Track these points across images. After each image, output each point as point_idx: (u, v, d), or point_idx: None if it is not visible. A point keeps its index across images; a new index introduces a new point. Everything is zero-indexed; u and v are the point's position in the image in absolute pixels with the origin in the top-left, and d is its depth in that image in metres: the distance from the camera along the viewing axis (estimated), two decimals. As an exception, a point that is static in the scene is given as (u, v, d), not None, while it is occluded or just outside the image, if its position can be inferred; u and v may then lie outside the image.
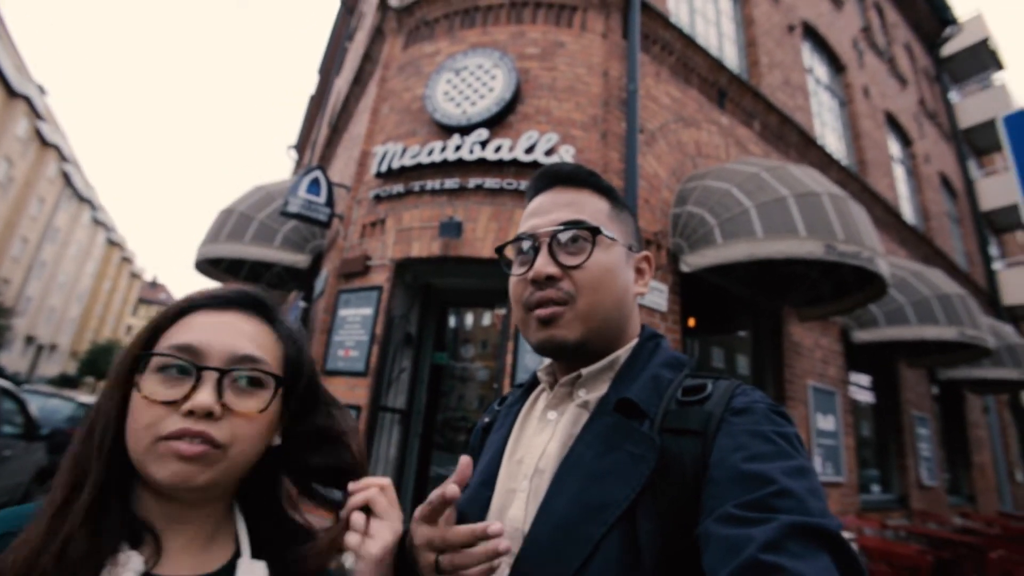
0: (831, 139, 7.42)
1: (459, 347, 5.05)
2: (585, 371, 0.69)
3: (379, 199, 4.38)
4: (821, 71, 7.75)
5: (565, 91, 4.23)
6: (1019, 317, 10.69)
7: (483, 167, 4.07)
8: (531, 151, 3.96)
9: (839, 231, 3.78)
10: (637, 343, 0.72)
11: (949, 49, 12.27)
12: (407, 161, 4.22)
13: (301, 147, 15.85)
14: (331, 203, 4.74)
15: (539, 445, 0.68)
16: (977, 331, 5.54)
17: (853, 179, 6.75)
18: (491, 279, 4.05)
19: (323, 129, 9.78)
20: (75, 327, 40.10)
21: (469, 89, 4.27)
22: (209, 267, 6.22)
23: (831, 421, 5.42)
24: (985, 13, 12.51)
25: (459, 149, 4.08)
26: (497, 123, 4.17)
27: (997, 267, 11.29)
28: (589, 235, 0.68)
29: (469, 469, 0.60)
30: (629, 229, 0.76)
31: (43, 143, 29.19)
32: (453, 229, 3.90)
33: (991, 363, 7.01)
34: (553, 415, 0.70)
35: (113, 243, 44.42)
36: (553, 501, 0.60)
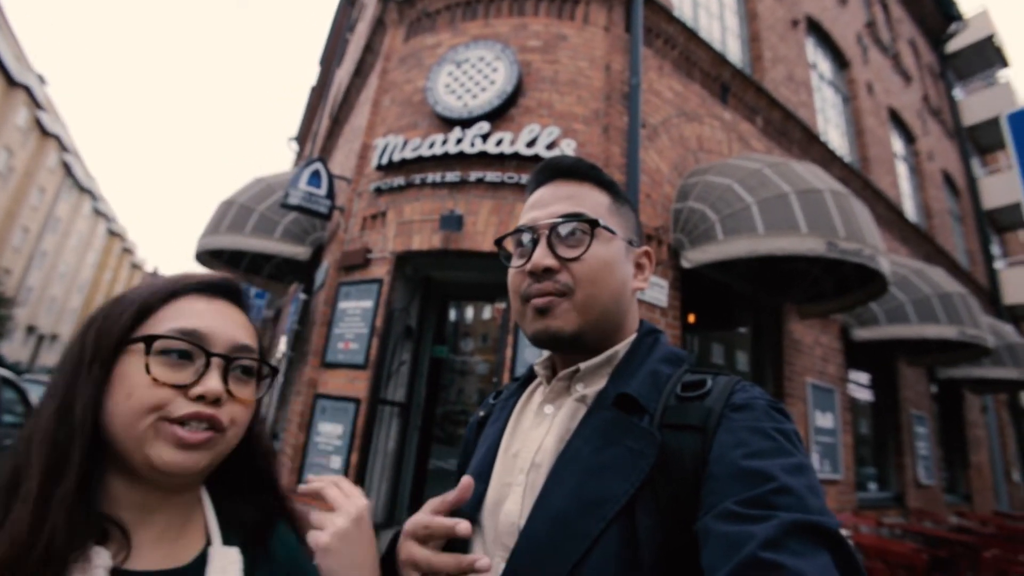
0: (834, 135, 7.38)
1: (459, 341, 5.06)
2: (583, 365, 0.68)
3: (380, 192, 4.37)
4: (825, 67, 7.70)
5: (567, 84, 4.21)
6: (1020, 317, 10.68)
7: (484, 160, 4.05)
8: (532, 145, 3.94)
9: (841, 228, 3.77)
10: (636, 338, 0.71)
11: (954, 45, 12.18)
12: (408, 154, 4.20)
13: (302, 139, 15.79)
14: (332, 195, 4.73)
15: (536, 439, 0.68)
16: (977, 330, 5.54)
17: (856, 176, 6.72)
18: (492, 273, 4.04)
19: (324, 121, 9.74)
20: (76, 317, 40.16)
21: (471, 82, 4.24)
22: (210, 258, 6.22)
23: (829, 419, 5.43)
24: (991, 9, 12.42)
25: (460, 142, 4.06)
26: (499, 116, 4.15)
27: (999, 266, 11.27)
28: (588, 228, 0.68)
29: (469, 492, 0.60)
30: (630, 224, 0.75)
31: (43, 133, 29.11)
32: (454, 222, 3.89)
33: (991, 362, 7.00)
34: (550, 409, 0.70)
35: (114, 234, 44.43)
36: (550, 495, 0.59)
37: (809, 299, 4.93)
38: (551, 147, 3.93)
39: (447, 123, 4.25)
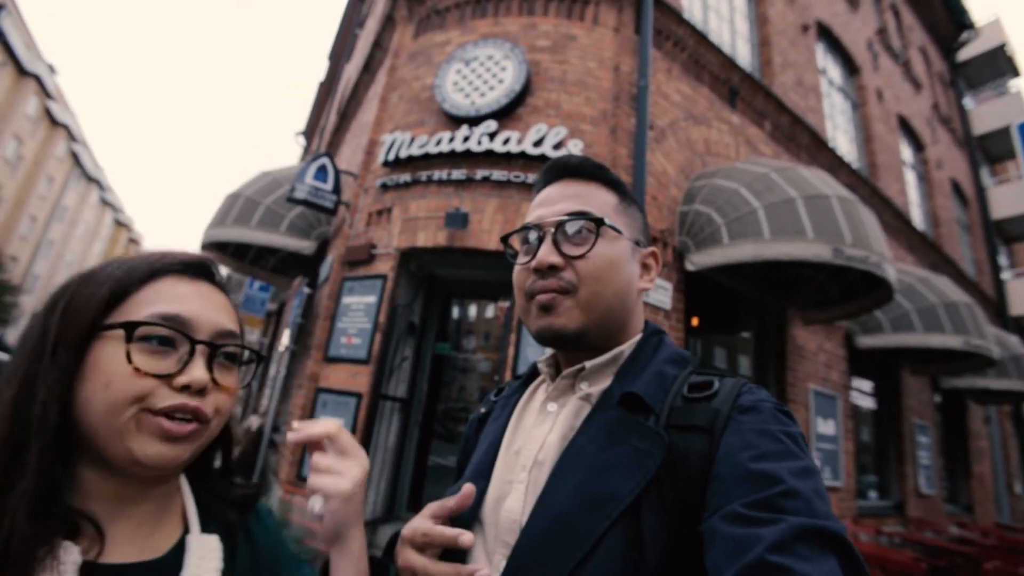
0: (842, 142, 7.35)
1: (461, 338, 5.06)
2: (589, 364, 0.68)
3: (386, 188, 4.38)
4: (835, 72, 7.66)
5: (575, 85, 4.20)
6: (1026, 328, 10.62)
7: (491, 159, 4.05)
8: (539, 144, 3.94)
9: (847, 235, 3.75)
10: (641, 338, 0.71)
11: (965, 54, 12.10)
12: (415, 151, 4.21)
13: (309, 133, 15.83)
14: (338, 191, 4.74)
15: (538, 437, 0.67)
16: (983, 341, 5.50)
17: (863, 183, 6.69)
18: (496, 271, 4.04)
19: (332, 116, 9.76)
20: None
21: (479, 80, 4.24)
22: (215, 250, 6.24)
23: (831, 425, 5.41)
24: (1003, 19, 12.33)
25: (467, 140, 4.06)
26: (506, 115, 4.14)
27: (1006, 277, 11.19)
28: (594, 226, 0.68)
29: (470, 500, 0.60)
30: (637, 224, 0.75)
31: (53, 122, 29.29)
32: (459, 220, 3.89)
33: (995, 373, 6.96)
34: (553, 407, 0.69)
35: (120, 224, 44.66)
36: (553, 493, 0.59)
37: (814, 305, 4.91)
38: (558, 147, 3.93)
39: (455, 121, 4.25)
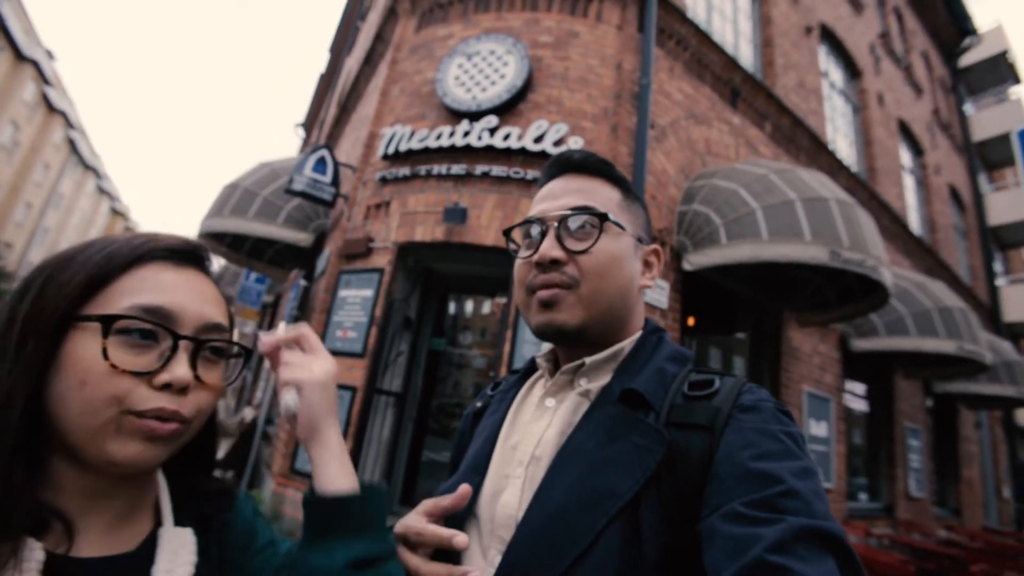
0: (842, 144, 7.36)
1: (458, 334, 5.06)
2: (589, 360, 0.68)
3: (385, 181, 4.36)
4: (836, 75, 7.67)
5: (577, 82, 4.19)
6: (1019, 334, 10.69)
7: (491, 154, 4.04)
8: (540, 141, 3.93)
9: (845, 238, 3.76)
10: (641, 335, 0.71)
11: (967, 60, 12.13)
12: (415, 144, 4.19)
13: (309, 125, 15.75)
14: (336, 183, 4.72)
15: (536, 432, 0.67)
16: (976, 346, 5.54)
17: (862, 186, 6.71)
18: (493, 267, 4.04)
19: (332, 108, 9.71)
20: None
21: (480, 75, 4.22)
22: (212, 241, 6.21)
23: (824, 427, 5.44)
24: (1006, 25, 12.36)
25: (467, 135, 4.04)
26: (507, 111, 4.13)
27: (1000, 283, 11.26)
28: (597, 222, 0.67)
29: (465, 500, 0.61)
30: (639, 221, 0.75)
31: (50, 108, 29.03)
32: (457, 215, 3.88)
33: (987, 379, 7.01)
34: (552, 402, 0.69)
35: (117, 212, 44.38)
36: (550, 489, 0.59)
37: (810, 307, 4.93)
38: (558, 144, 3.92)
39: (455, 115, 4.23)
